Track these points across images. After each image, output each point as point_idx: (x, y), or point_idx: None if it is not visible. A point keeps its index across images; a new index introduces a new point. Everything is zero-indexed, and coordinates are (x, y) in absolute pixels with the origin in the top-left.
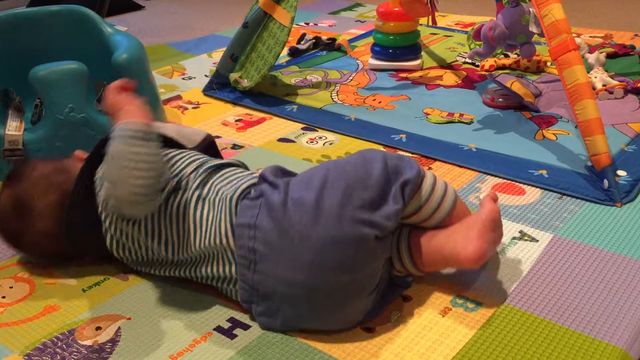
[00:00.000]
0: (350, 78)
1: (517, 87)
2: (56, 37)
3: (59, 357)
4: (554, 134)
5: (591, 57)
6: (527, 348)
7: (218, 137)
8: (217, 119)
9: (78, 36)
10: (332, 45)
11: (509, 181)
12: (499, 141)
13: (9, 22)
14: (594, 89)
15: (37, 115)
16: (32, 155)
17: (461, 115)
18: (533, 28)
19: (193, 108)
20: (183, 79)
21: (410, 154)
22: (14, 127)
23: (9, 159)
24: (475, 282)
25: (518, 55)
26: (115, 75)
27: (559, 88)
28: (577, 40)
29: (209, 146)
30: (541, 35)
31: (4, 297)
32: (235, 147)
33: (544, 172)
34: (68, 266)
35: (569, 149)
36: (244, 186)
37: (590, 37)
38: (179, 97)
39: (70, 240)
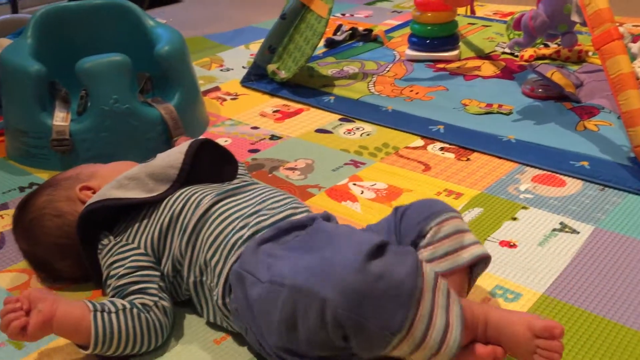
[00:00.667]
0: (387, 69)
1: (557, 77)
2: (100, 30)
3: None
4: (595, 124)
5: (634, 47)
6: (567, 340)
7: (256, 127)
8: (255, 110)
9: (121, 29)
10: (368, 36)
11: (549, 172)
12: (539, 132)
13: (56, 15)
14: (637, 79)
15: (82, 106)
16: (79, 145)
17: (500, 106)
18: (575, 17)
19: (231, 99)
20: (221, 70)
21: (448, 145)
22: (61, 118)
23: (57, 148)
24: (516, 273)
25: (558, 45)
26: (157, 67)
27: (600, 78)
28: (620, 29)
29: (201, 150)
30: (583, 24)
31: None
32: (273, 137)
33: (585, 163)
34: None
35: (611, 140)
36: (223, 283)
37: (634, 26)
38: (217, 89)
39: (99, 278)
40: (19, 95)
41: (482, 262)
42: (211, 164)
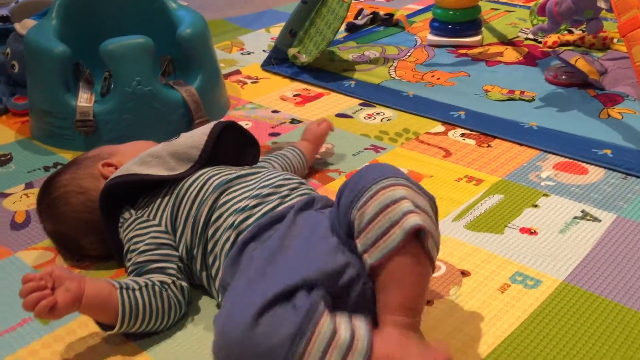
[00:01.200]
0: (408, 54)
1: (581, 64)
2: (124, 12)
3: None
4: (619, 112)
5: None
6: (587, 327)
7: (277, 111)
8: (276, 93)
9: (144, 10)
10: (389, 21)
11: (571, 160)
12: (562, 119)
13: None
14: None
15: (106, 87)
16: (102, 127)
17: (522, 92)
18: (601, 3)
19: (252, 83)
20: (242, 53)
21: (469, 131)
22: (85, 99)
23: (81, 129)
24: (536, 260)
25: (583, 32)
26: (179, 50)
27: (625, 65)
28: None
29: (224, 133)
30: (609, 10)
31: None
32: (293, 121)
33: (608, 151)
34: None
35: (635, 129)
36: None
37: None
38: (238, 72)
39: (120, 254)
40: (43, 76)
41: (425, 235)
42: (234, 146)
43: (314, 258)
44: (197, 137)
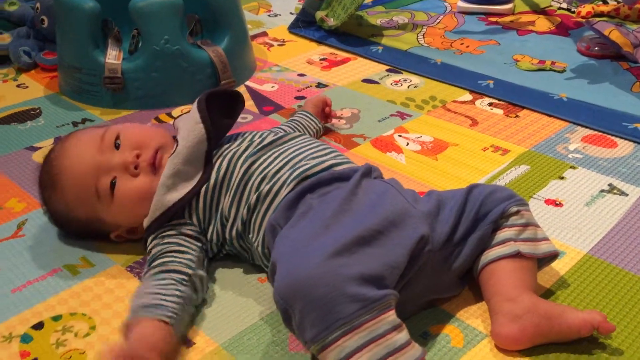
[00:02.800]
0: (438, 20)
1: (615, 35)
2: None
3: None
4: None
5: None
6: (609, 299)
7: (303, 74)
8: (302, 57)
9: None
10: None
11: (600, 133)
12: (593, 91)
13: None
14: None
15: (134, 45)
16: (130, 84)
17: (553, 63)
18: None
19: (279, 45)
20: (269, 15)
21: (497, 100)
22: (113, 56)
23: (109, 86)
24: (560, 231)
25: (618, 2)
26: (208, 10)
27: None
28: None
29: (209, 105)
30: None
31: None
32: (319, 85)
33: (638, 125)
34: None
35: None
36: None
37: None
38: (264, 34)
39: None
40: (72, 31)
41: (550, 259)
42: (220, 108)
43: (387, 206)
44: (194, 131)
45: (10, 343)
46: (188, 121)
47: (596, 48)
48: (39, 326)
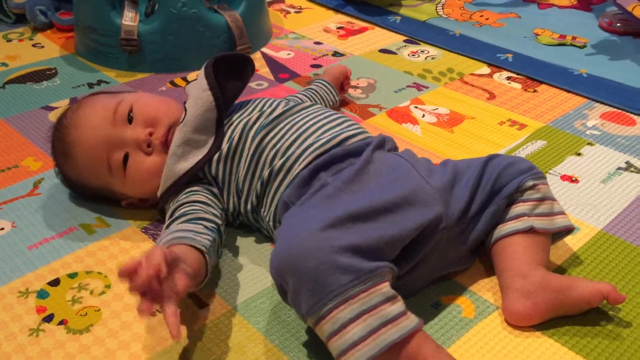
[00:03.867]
0: None
1: (639, 12)
2: None
3: None
4: None
5: None
6: (622, 275)
7: (320, 42)
8: (319, 25)
9: None
10: None
11: (619, 110)
12: (613, 68)
13: None
14: None
15: (150, 8)
16: (146, 47)
17: (574, 38)
18: None
19: (295, 12)
20: None
21: (515, 75)
22: (129, 18)
23: (125, 48)
24: (575, 207)
25: None
26: None
27: None
28: None
29: (217, 70)
30: None
31: None
32: (336, 54)
33: None
34: None
35: None
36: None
37: None
38: (281, 1)
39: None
40: None
41: (565, 233)
42: (229, 73)
43: (397, 186)
44: (202, 99)
45: (26, 298)
46: (196, 88)
47: (618, 24)
48: (55, 283)
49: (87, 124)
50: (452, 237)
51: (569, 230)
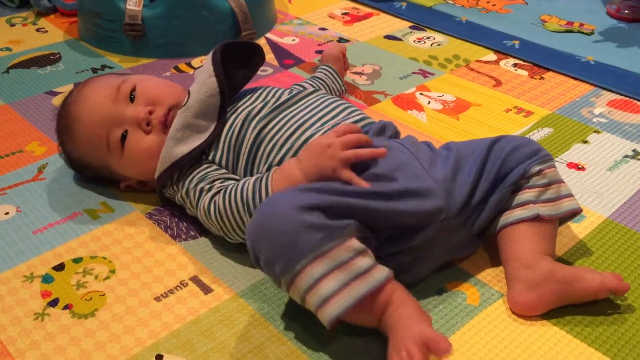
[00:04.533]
0: None
1: None
2: None
3: (176, 217)
4: None
5: None
6: (628, 263)
7: (324, 28)
8: (324, 10)
9: None
10: None
11: (627, 98)
12: (621, 55)
13: None
14: None
15: None
16: (150, 32)
17: (581, 25)
18: None
19: None
20: None
21: (522, 62)
22: (133, 2)
23: (129, 33)
24: (582, 195)
25: None
26: None
27: None
28: None
29: (224, 57)
30: None
31: None
32: (341, 40)
33: None
34: None
35: None
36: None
37: None
38: None
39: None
40: None
41: (572, 215)
42: (238, 60)
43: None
44: (206, 84)
45: (31, 283)
46: (202, 74)
47: (626, 11)
48: (60, 267)
49: (89, 101)
50: (454, 226)
51: (575, 213)
